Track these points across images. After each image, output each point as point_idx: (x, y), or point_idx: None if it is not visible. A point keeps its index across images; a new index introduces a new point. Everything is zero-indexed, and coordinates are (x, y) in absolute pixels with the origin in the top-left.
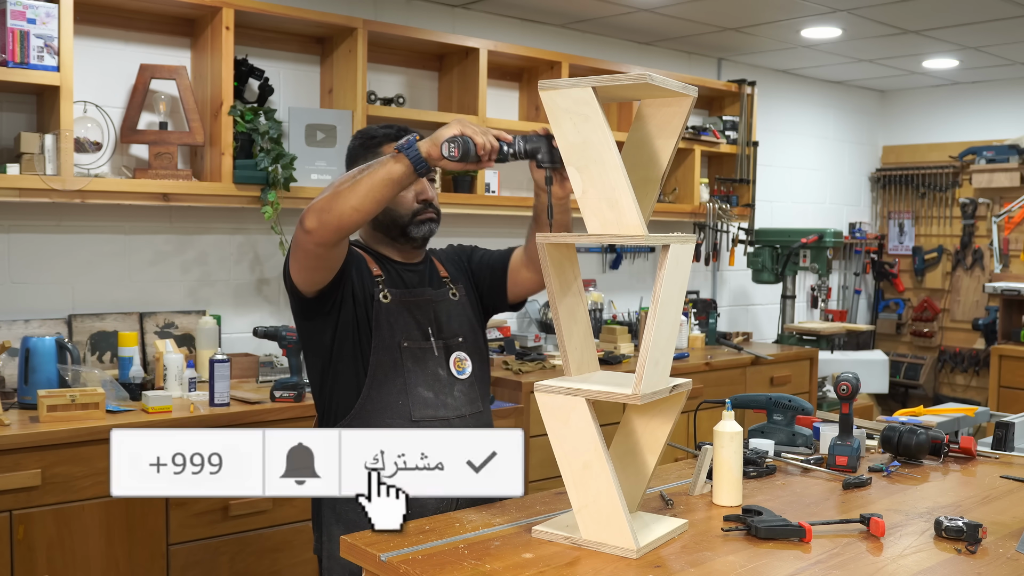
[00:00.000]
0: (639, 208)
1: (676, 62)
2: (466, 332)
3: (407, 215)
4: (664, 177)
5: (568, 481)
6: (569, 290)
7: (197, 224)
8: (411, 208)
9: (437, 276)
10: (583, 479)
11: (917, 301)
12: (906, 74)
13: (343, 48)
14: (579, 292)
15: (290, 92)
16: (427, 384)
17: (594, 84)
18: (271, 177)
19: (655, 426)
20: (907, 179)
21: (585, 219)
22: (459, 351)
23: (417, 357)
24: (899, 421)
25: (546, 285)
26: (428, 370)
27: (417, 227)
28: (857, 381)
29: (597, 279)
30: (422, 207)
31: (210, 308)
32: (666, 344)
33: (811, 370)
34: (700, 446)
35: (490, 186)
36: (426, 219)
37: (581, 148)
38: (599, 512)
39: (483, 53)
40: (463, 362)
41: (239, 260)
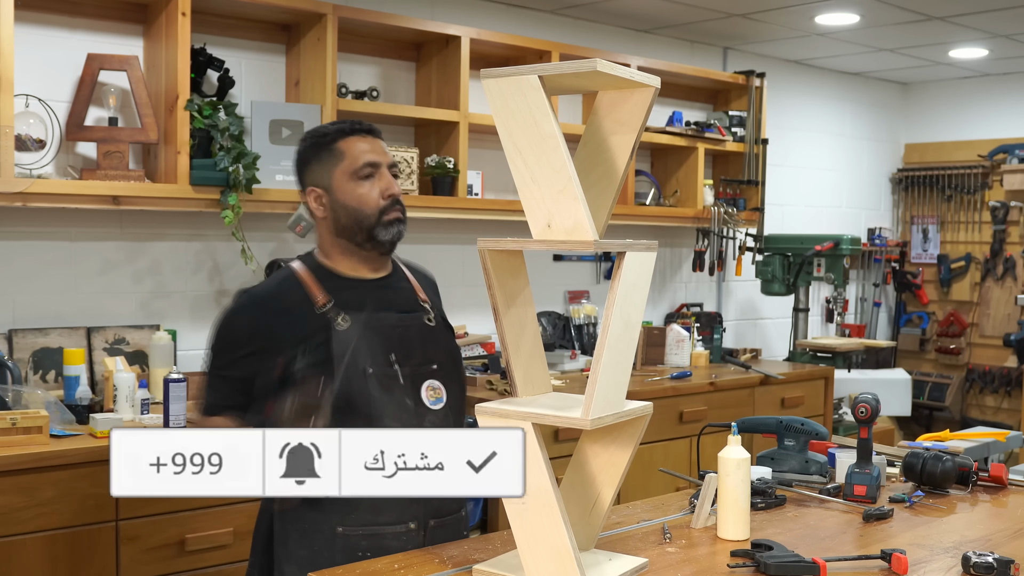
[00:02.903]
0: (589, 210)
1: (677, 51)
2: (443, 359)
3: (373, 215)
4: (623, 177)
5: (512, 516)
6: (515, 301)
7: (150, 230)
8: (377, 206)
9: (414, 298)
10: (528, 514)
11: (943, 315)
12: (931, 65)
13: (311, 36)
14: (527, 302)
15: (253, 85)
16: (394, 415)
17: (540, 72)
18: (232, 178)
19: (612, 454)
20: (932, 180)
21: (529, 222)
22: (432, 379)
23: (384, 385)
24: (923, 447)
25: (489, 295)
26: (395, 399)
27: (385, 229)
28: (877, 403)
29: (591, 290)
30: (389, 204)
31: (165, 322)
32: (621, 363)
33: (826, 391)
34: (703, 474)
35: (473, 187)
36: (393, 219)
37: (526, 142)
38: (546, 551)
39: (465, 41)
40: (436, 391)
41: (196, 270)
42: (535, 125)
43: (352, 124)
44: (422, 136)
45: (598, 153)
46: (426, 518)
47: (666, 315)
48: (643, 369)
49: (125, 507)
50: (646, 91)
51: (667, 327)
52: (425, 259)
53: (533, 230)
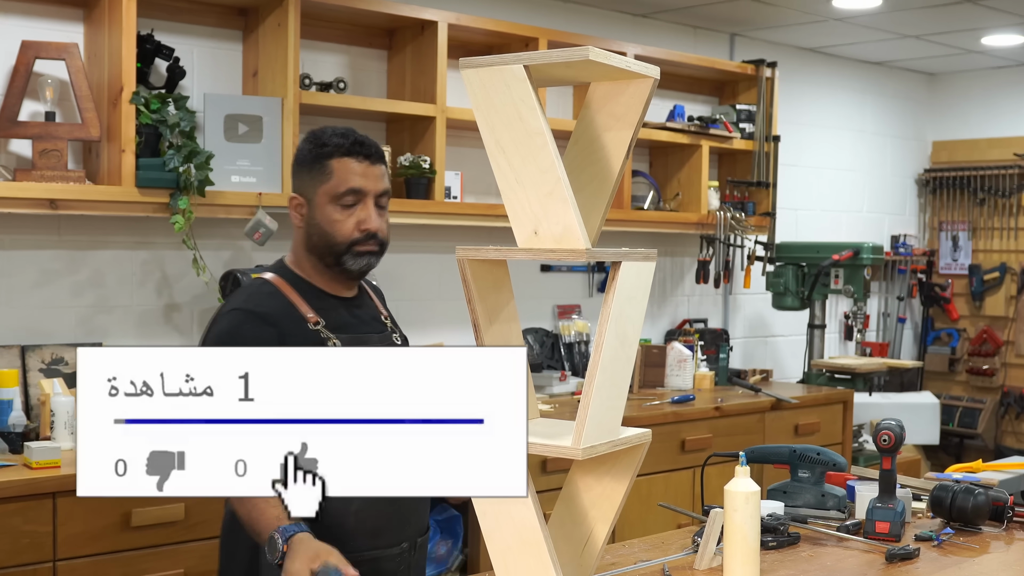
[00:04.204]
0: (580, 215)
1: (680, 38)
2: None
3: (343, 244)
4: (618, 178)
5: (494, 556)
6: (498, 316)
7: (92, 237)
8: (349, 237)
9: (378, 316)
10: (513, 554)
11: (975, 332)
12: (961, 53)
13: (271, 21)
14: (512, 318)
15: (206, 75)
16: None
17: (526, 62)
18: (182, 180)
19: (606, 487)
20: (962, 182)
21: (514, 229)
22: None
23: None
24: (953, 479)
25: (469, 310)
26: None
27: (354, 259)
28: (901, 430)
29: (582, 304)
30: (362, 237)
31: (108, 340)
32: (617, 386)
33: (845, 416)
34: (708, 510)
35: (451, 190)
36: (365, 251)
37: (510, 139)
38: None
39: (442, 27)
40: None
41: (143, 281)
42: (520, 120)
43: (354, 143)
44: (394, 132)
45: (591, 152)
46: (415, 537)
47: (666, 332)
48: (641, 392)
49: (64, 546)
50: (644, 82)
51: (668, 345)
52: (398, 270)
53: (518, 237)
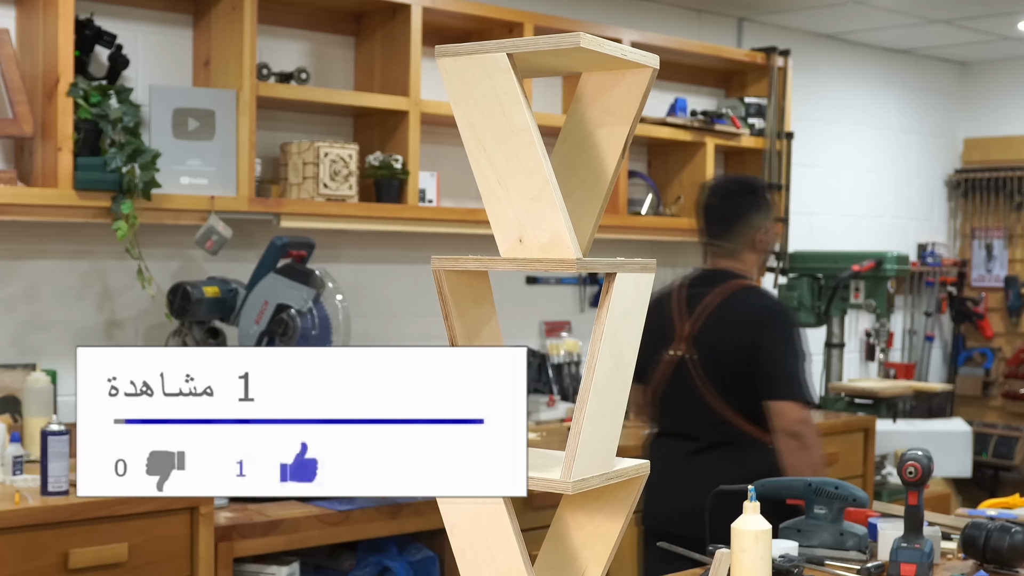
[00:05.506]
0: (570, 220)
1: (682, 24)
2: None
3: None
4: (613, 180)
5: None
6: (479, 334)
7: (24, 245)
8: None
9: None
10: None
11: (1011, 351)
12: (995, 40)
13: (224, 4)
14: (494, 336)
15: (152, 65)
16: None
17: (509, 50)
18: (125, 181)
19: (599, 525)
20: (997, 184)
21: (496, 236)
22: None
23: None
24: (987, 515)
25: (446, 327)
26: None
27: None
28: (929, 461)
29: (572, 321)
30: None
31: (42, 361)
32: (611, 412)
33: (866, 446)
34: (713, 550)
35: (426, 193)
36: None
37: (491, 136)
38: None
39: (416, 11)
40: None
41: (82, 295)
42: (503, 115)
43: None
44: (363, 128)
45: (582, 150)
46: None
47: None
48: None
49: None
50: (641, 73)
51: None
52: (367, 281)
53: (501, 246)
